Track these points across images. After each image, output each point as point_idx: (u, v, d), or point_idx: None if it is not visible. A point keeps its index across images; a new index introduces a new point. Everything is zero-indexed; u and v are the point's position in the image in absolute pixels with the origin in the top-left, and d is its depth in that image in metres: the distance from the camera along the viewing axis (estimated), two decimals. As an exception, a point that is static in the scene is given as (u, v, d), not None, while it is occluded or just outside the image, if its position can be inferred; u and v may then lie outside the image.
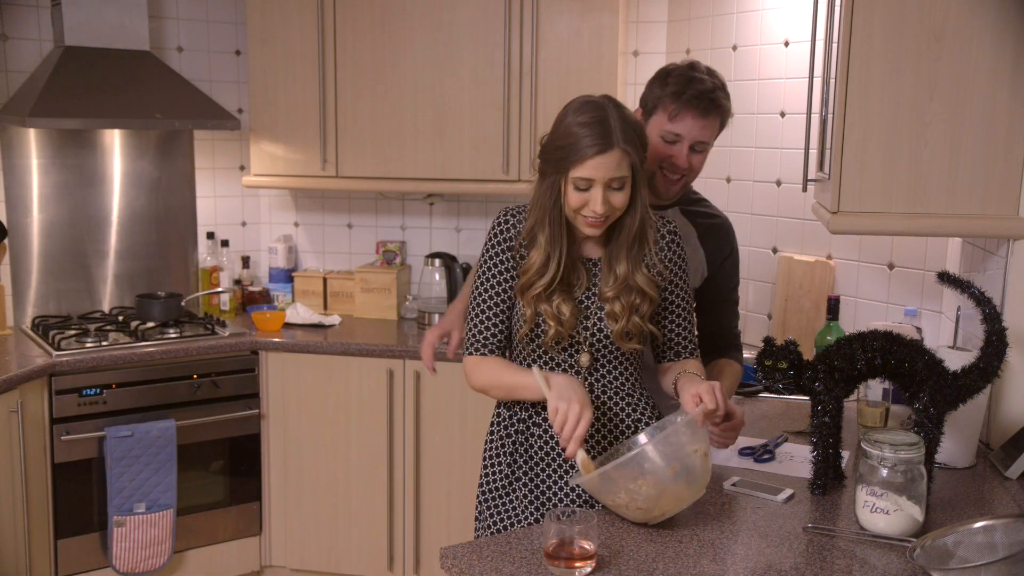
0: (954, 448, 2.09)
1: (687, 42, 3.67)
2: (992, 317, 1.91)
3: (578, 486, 1.97)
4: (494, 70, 3.56)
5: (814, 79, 2.49)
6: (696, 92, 2.12)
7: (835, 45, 2.27)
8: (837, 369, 1.93)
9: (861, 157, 2.16)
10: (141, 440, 3.25)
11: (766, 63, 3.32)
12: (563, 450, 1.78)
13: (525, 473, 2.01)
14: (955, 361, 1.93)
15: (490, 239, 1.99)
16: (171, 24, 3.91)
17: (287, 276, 4.12)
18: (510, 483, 2.02)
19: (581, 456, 1.77)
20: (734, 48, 3.44)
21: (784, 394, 2.23)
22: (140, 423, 3.27)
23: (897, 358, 1.91)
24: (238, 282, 4.06)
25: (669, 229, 2.01)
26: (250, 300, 4.01)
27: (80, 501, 3.27)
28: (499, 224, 1.98)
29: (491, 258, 1.98)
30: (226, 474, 3.56)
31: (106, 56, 3.52)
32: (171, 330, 3.55)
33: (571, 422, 1.75)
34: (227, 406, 3.50)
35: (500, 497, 2.04)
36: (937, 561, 1.57)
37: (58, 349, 3.26)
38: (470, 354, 2.02)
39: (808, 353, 2.05)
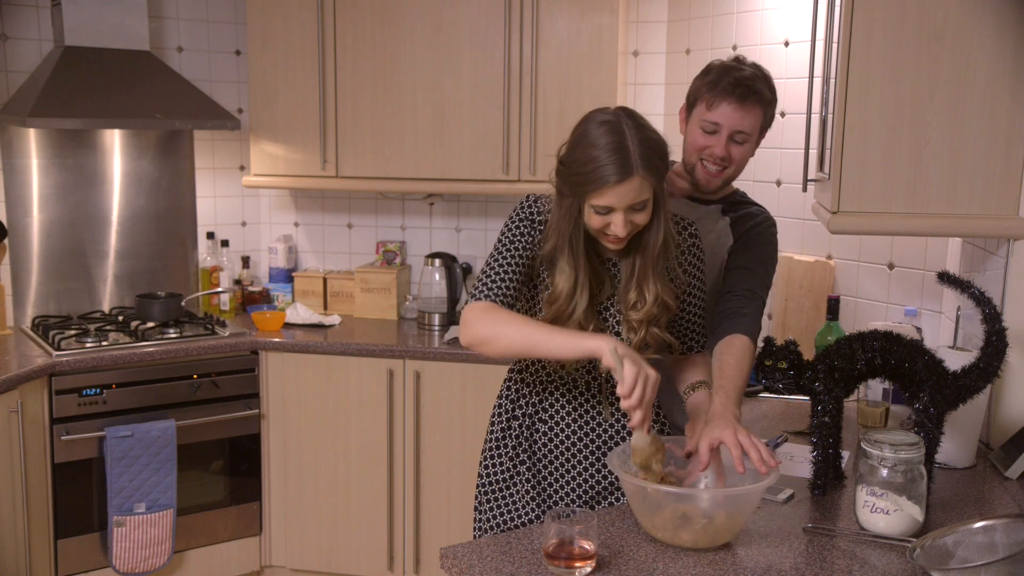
0: (954, 448, 2.09)
1: (687, 42, 3.67)
2: (992, 317, 1.91)
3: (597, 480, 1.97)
4: (494, 70, 3.56)
5: (814, 79, 2.49)
6: (733, 79, 2.10)
7: (835, 45, 2.27)
8: (837, 369, 1.93)
9: (861, 157, 2.16)
10: (141, 440, 3.25)
11: (766, 63, 3.28)
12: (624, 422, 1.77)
13: (528, 468, 2.01)
14: (955, 361, 1.93)
15: (514, 216, 1.93)
16: (171, 24, 3.91)
17: (287, 276, 4.12)
18: (511, 476, 2.02)
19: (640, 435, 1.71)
20: (734, 48, 3.44)
21: (784, 394, 2.23)
22: (140, 423, 3.27)
23: (897, 358, 1.91)
24: (238, 282, 4.06)
25: (691, 232, 2.01)
26: (250, 300, 4.01)
27: (80, 501, 3.27)
28: (525, 207, 1.93)
29: (514, 228, 1.92)
30: (226, 474, 3.56)
31: (106, 56, 3.52)
32: (171, 330, 3.55)
33: (651, 392, 1.68)
34: (227, 406, 3.50)
35: (501, 490, 2.03)
36: (937, 561, 1.57)
37: (58, 349, 3.26)
38: (477, 299, 1.89)
39: (808, 353, 2.05)
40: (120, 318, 3.69)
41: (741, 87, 2.10)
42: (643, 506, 1.70)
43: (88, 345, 3.33)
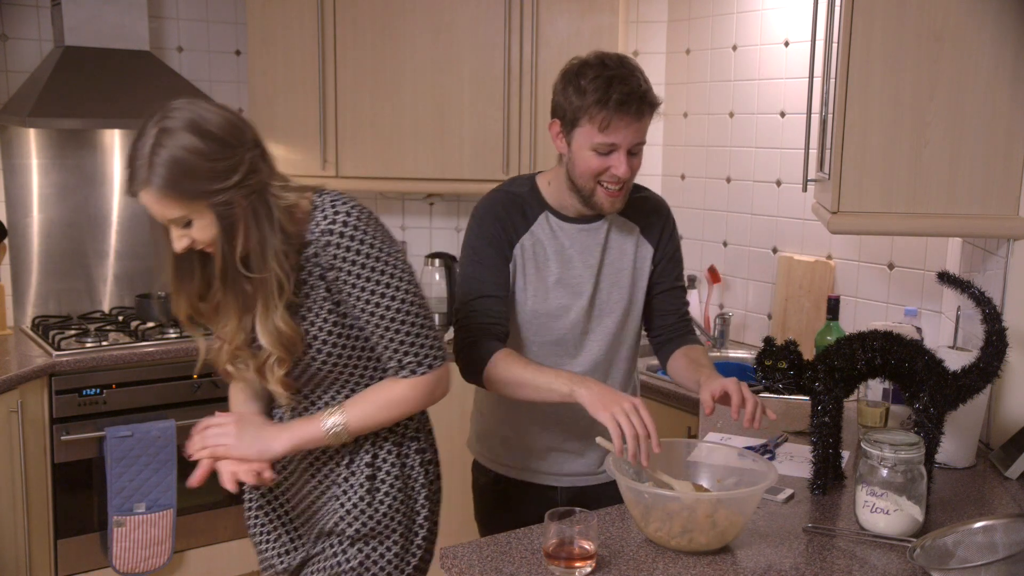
0: (954, 448, 2.09)
1: (687, 42, 3.67)
2: (992, 317, 1.91)
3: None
4: (494, 70, 3.56)
5: (814, 79, 2.49)
6: (623, 96, 1.87)
7: (835, 45, 2.27)
8: (837, 369, 1.93)
9: (861, 157, 2.16)
10: (141, 440, 3.25)
11: (766, 63, 3.32)
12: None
13: (287, 513, 1.93)
14: (955, 361, 1.93)
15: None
16: (171, 24, 3.91)
17: (287, 276, 4.12)
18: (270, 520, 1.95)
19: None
20: (734, 48, 3.44)
21: (784, 394, 2.23)
22: (140, 423, 3.27)
23: (897, 358, 1.90)
24: (238, 282, 4.06)
25: (323, 229, 1.62)
26: (250, 300, 4.01)
27: (80, 501, 3.27)
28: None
29: None
30: (226, 474, 3.55)
31: (106, 56, 3.52)
32: (171, 330, 3.54)
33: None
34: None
35: (266, 533, 1.95)
36: (937, 561, 1.57)
37: (58, 349, 3.26)
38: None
39: (808, 353, 2.05)
40: (120, 318, 3.69)
41: (634, 101, 1.89)
42: (639, 509, 1.69)
43: (88, 345, 3.33)
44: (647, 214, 2.14)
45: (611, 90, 1.87)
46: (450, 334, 3.65)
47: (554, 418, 2.11)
